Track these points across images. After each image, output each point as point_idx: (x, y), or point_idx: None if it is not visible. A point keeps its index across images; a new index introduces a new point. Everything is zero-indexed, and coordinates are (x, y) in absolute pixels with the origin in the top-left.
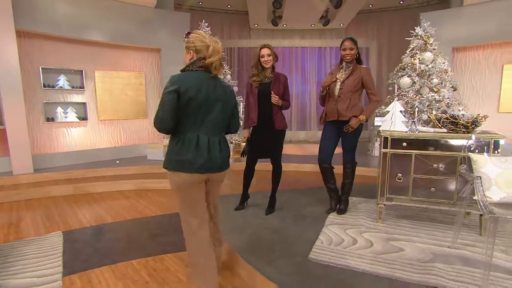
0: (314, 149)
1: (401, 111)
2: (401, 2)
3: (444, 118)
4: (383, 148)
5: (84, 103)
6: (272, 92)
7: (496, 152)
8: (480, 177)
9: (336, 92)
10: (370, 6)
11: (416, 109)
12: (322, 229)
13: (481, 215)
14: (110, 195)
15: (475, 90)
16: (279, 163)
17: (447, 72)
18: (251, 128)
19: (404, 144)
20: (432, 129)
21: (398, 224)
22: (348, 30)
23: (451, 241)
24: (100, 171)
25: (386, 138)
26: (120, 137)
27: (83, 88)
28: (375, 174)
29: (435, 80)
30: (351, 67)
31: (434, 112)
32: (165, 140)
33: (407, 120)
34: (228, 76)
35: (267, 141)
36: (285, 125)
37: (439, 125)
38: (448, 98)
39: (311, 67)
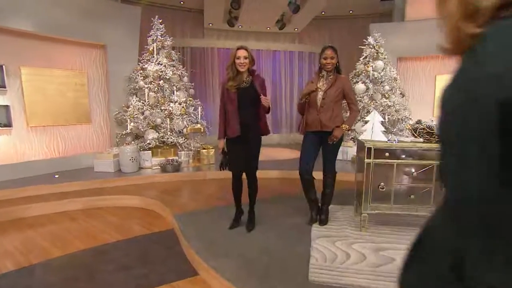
0: (272, 153)
1: (381, 122)
2: (351, 12)
3: (420, 129)
4: (367, 158)
5: (6, 106)
6: (261, 94)
7: None
8: None
9: (318, 102)
10: (323, 13)
11: None
12: (311, 244)
13: None
14: (51, 218)
15: (415, 96)
16: (255, 178)
17: (396, 80)
18: (225, 138)
19: (387, 154)
20: (409, 139)
21: (380, 231)
22: (302, 35)
23: None
24: (33, 189)
25: (369, 149)
26: (58, 146)
27: (4, 87)
28: (342, 178)
29: (387, 87)
30: (331, 76)
31: (387, 117)
32: (114, 149)
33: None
34: (185, 78)
35: (246, 152)
36: (266, 131)
37: (415, 135)
38: (397, 104)
39: (266, 70)
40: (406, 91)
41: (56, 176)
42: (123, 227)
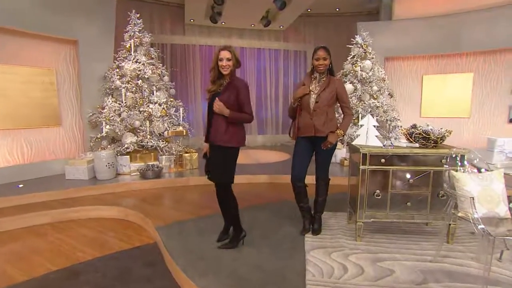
0: (258, 156)
1: (374, 126)
2: (337, 10)
3: (416, 133)
4: (362, 165)
5: None
6: (216, 98)
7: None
8: (473, 197)
9: (311, 106)
10: (309, 10)
11: (360, 115)
12: (306, 257)
13: (449, 224)
14: (14, 235)
15: (402, 96)
16: (224, 192)
17: (384, 80)
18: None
19: (383, 160)
20: (404, 144)
21: (376, 240)
22: (287, 33)
23: (433, 255)
24: None
25: (364, 155)
26: (23, 151)
27: None
28: (331, 182)
29: (375, 88)
30: (324, 79)
31: (375, 118)
32: (88, 154)
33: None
34: (166, 78)
35: (213, 160)
36: (232, 142)
37: (411, 139)
38: (385, 104)
39: (250, 68)
40: (393, 92)
41: (20, 185)
42: (99, 242)
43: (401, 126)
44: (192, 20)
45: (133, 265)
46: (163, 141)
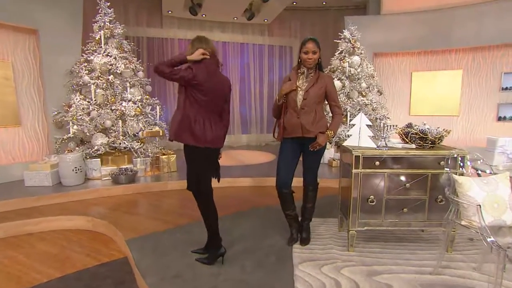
0: (241, 157)
1: (367, 125)
2: (324, 3)
3: (413, 133)
4: (355, 168)
5: None
6: None
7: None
8: (480, 205)
9: (299, 103)
10: (294, 3)
11: (349, 113)
12: (294, 272)
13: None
14: None
15: (390, 94)
16: (196, 198)
17: (373, 77)
18: None
19: (377, 163)
20: (400, 145)
21: (370, 250)
22: (272, 27)
23: (433, 266)
24: None
25: (357, 157)
26: None
27: None
28: (320, 185)
29: (364, 84)
30: (313, 74)
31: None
32: (52, 157)
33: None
34: (140, 73)
35: None
36: (180, 136)
37: (407, 140)
38: (375, 102)
39: (233, 64)
40: (382, 89)
41: None
42: (60, 259)
43: (396, 126)
44: (170, 12)
45: (99, 285)
46: (137, 142)
